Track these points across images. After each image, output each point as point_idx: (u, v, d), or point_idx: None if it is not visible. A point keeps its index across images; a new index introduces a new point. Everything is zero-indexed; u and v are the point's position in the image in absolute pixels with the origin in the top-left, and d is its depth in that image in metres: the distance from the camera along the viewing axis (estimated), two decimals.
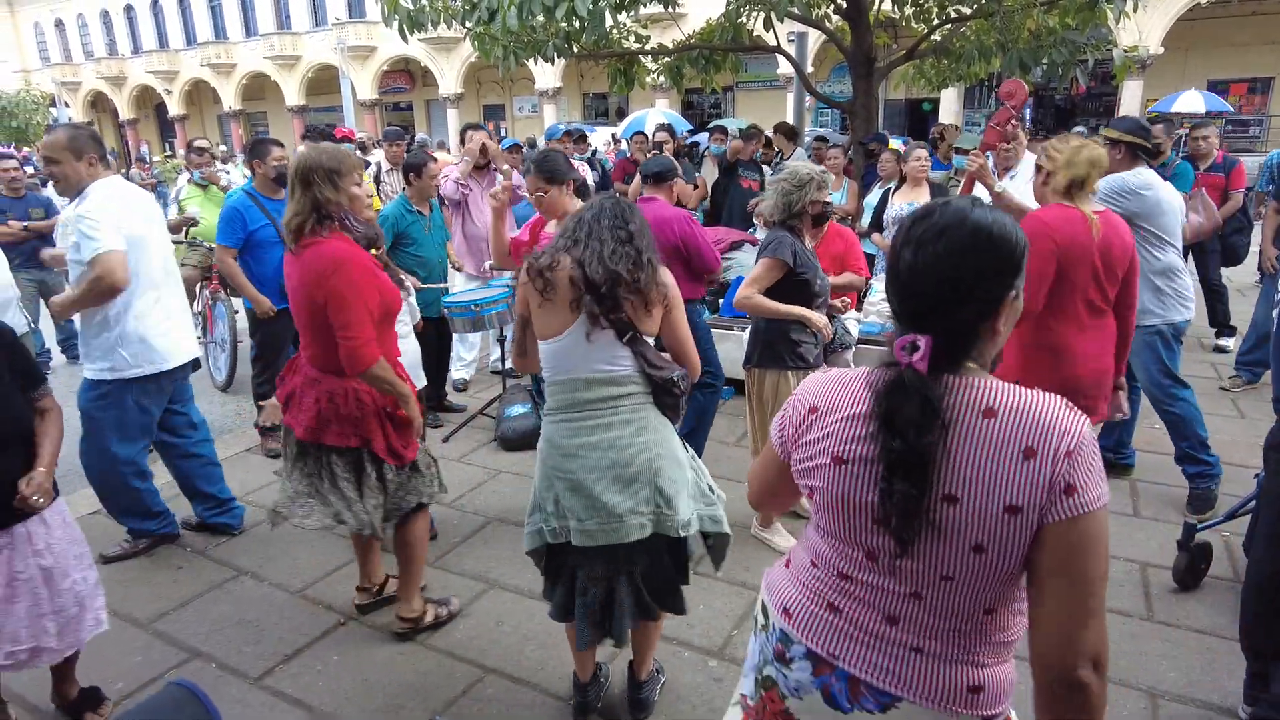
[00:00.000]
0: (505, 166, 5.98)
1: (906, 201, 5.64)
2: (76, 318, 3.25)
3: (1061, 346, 2.80)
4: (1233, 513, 3.23)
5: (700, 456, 4.10)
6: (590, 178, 8.12)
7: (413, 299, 3.94)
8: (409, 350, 3.39)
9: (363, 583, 3.11)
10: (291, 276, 2.60)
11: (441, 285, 5.11)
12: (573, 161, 5.13)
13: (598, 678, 2.56)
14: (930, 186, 5.62)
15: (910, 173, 5.60)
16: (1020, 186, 4.49)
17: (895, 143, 7.99)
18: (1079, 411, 1.16)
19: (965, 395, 1.17)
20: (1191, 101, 16.46)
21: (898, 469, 1.15)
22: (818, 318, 3.36)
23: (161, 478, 3.72)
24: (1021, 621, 1.25)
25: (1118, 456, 4.06)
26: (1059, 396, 1.17)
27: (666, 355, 2.26)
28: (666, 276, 2.20)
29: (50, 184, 3.19)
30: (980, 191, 3.79)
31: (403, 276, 3.89)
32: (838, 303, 3.96)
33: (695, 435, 4.19)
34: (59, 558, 2.33)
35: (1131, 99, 19.36)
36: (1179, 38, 19.37)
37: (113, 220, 3.05)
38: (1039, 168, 2.90)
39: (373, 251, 3.34)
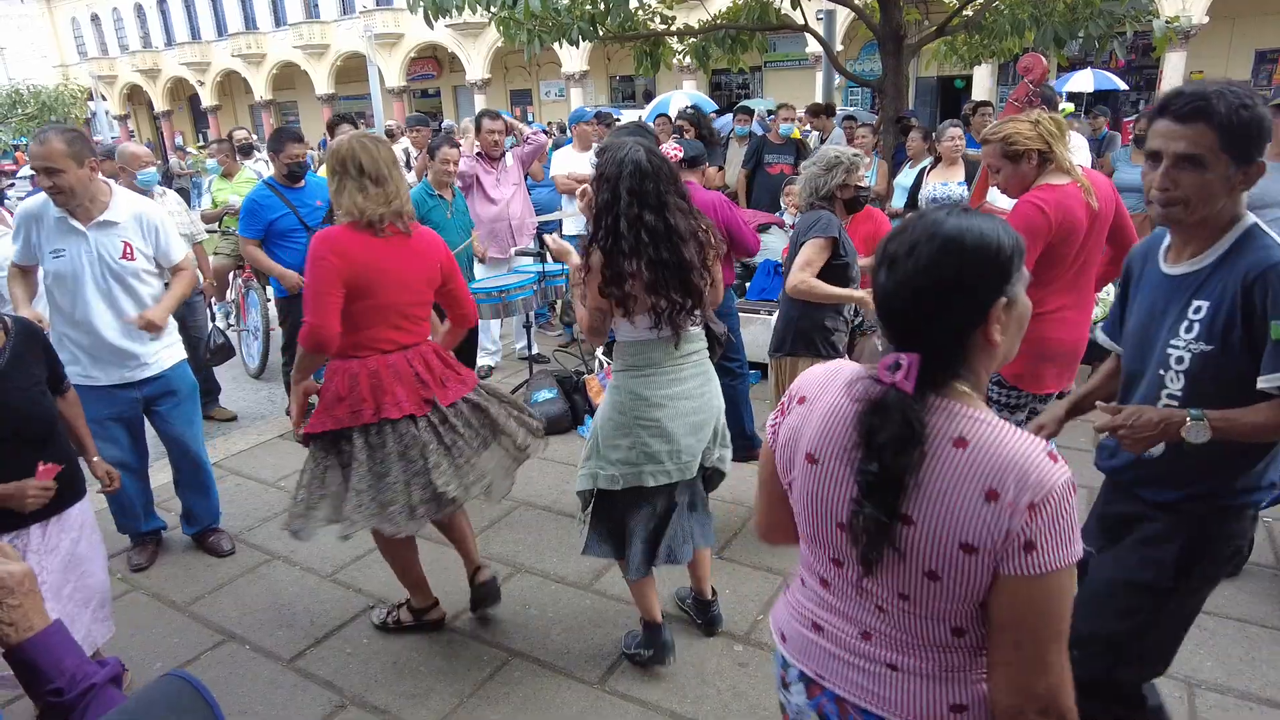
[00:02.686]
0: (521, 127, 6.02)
1: (941, 181, 5.52)
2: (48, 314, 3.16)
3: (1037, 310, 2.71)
4: (1277, 498, 3.13)
5: (748, 435, 4.22)
6: None
7: None
8: None
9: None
10: (391, 259, 2.51)
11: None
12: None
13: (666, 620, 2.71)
14: (965, 164, 5.50)
15: (945, 152, 5.47)
16: None
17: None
18: (1061, 461, 1.07)
19: (941, 419, 1.10)
20: (1082, 82, 16.18)
21: (871, 491, 1.10)
22: (869, 297, 3.26)
23: (158, 480, 3.69)
24: None
25: None
26: (1040, 441, 1.08)
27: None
28: (714, 234, 2.40)
29: (53, 198, 2.91)
30: None
31: None
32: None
33: (736, 424, 4.15)
34: (83, 554, 2.37)
35: (1174, 72, 18.73)
36: (1225, 6, 18.64)
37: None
38: (1023, 153, 2.69)
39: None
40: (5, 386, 2.18)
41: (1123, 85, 17.60)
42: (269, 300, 5.80)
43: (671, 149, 3.67)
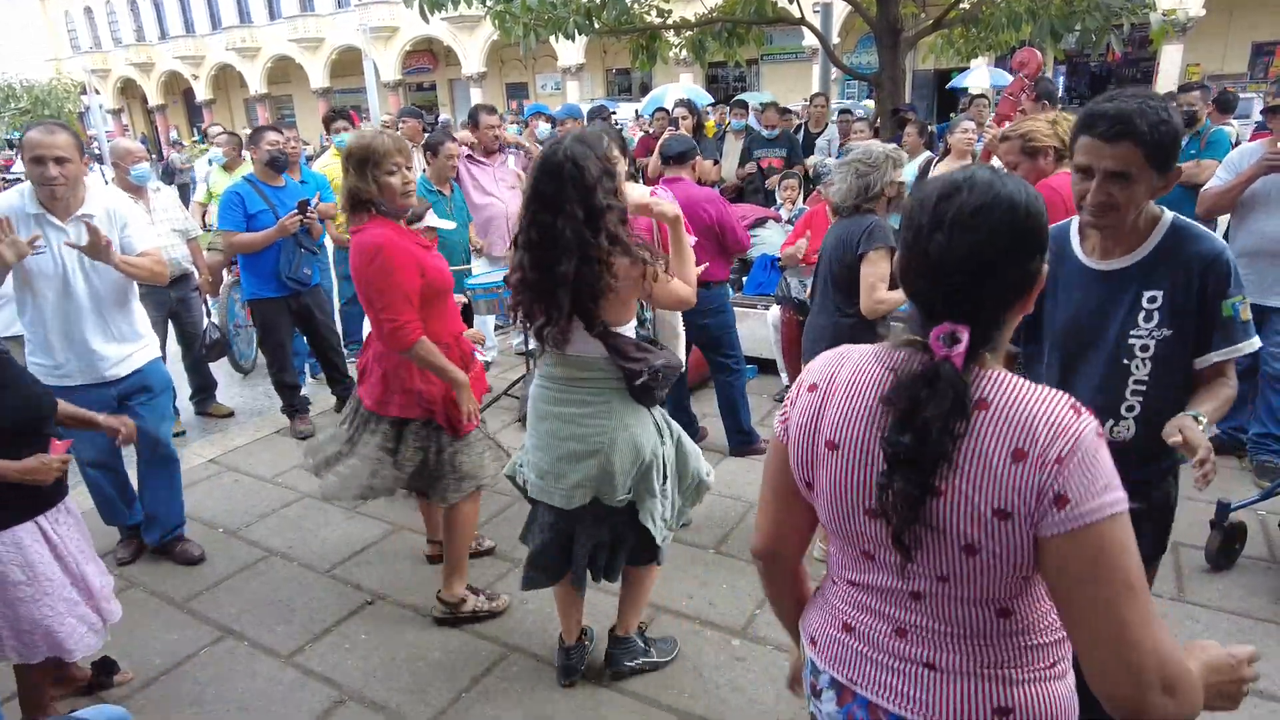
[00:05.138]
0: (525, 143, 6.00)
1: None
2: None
3: None
4: (1269, 492, 3.16)
5: (745, 430, 4.16)
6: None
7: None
8: None
9: (430, 536, 3.34)
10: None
11: (464, 267, 5.12)
12: None
13: (582, 641, 2.66)
14: (973, 158, 5.50)
15: (955, 144, 5.45)
16: None
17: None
18: (1085, 412, 1.03)
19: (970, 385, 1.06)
20: (979, 78, 16.51)
21: (901, 464, 1.04)
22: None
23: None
24: (1056, 619, 1.10)
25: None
26: (1064, 394, 1.04)
27: (652, 344, 2.27)
28: (625, 258, 2.09)
29: (51, 188, 2.85)
30: (996, 164, 3.72)
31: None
32: None
33: (731, 419, 4.17)
34: (73, 551, 2.36)
35: (1171, 65, 18.75)
36: None
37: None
38: (1040, 150, 2.84)
39: (417, 225, 3.38)
40: (18, 371, 2.26)
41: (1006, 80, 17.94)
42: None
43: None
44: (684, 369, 2.61)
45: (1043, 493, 0.99)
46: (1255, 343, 1.74)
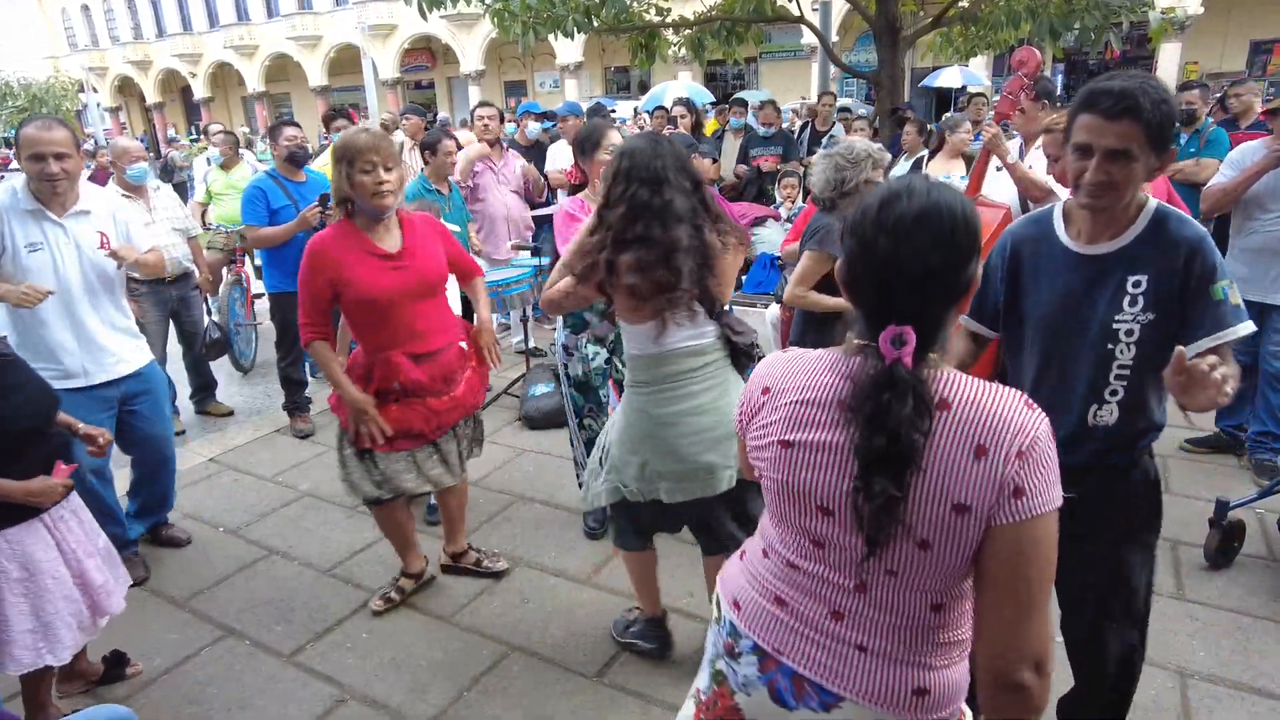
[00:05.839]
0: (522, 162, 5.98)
1: (944, 173, 5.52)
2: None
3: None
4: (1268, 490, 3.17)
5: None
6: None
7: None
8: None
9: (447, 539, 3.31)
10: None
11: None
12: None
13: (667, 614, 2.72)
14: (965, 158, 5.51)
15: (954, 144, 5.46)
16: (1044, 158, 4.39)
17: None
18: (1038, 409, 1.11)
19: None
20: (950, 78, 16.57)
21: (880, 466, 1.09)
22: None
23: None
24: (969, 620, 1.22)
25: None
26: (1017, 392, 1.12)
27: (745, 320, 2.31)
28: (728, 228, 2.21)
29: (53, 184, 2.84)
30: (996, 163, 3.74)
31: None
32: None
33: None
34: (74, 547, 2.37)
35: (1169, 62, 18.75)
36: None
37: None
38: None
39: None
40: (30, 373, 2.28)
41: (987, 81, 18.22)
42: (261, 295, 5.80)
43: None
44: None
45: (1003, 486, 1.07)
46: (1249, 326, 1.71)
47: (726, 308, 2.28)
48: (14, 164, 16.50)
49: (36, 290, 2.76)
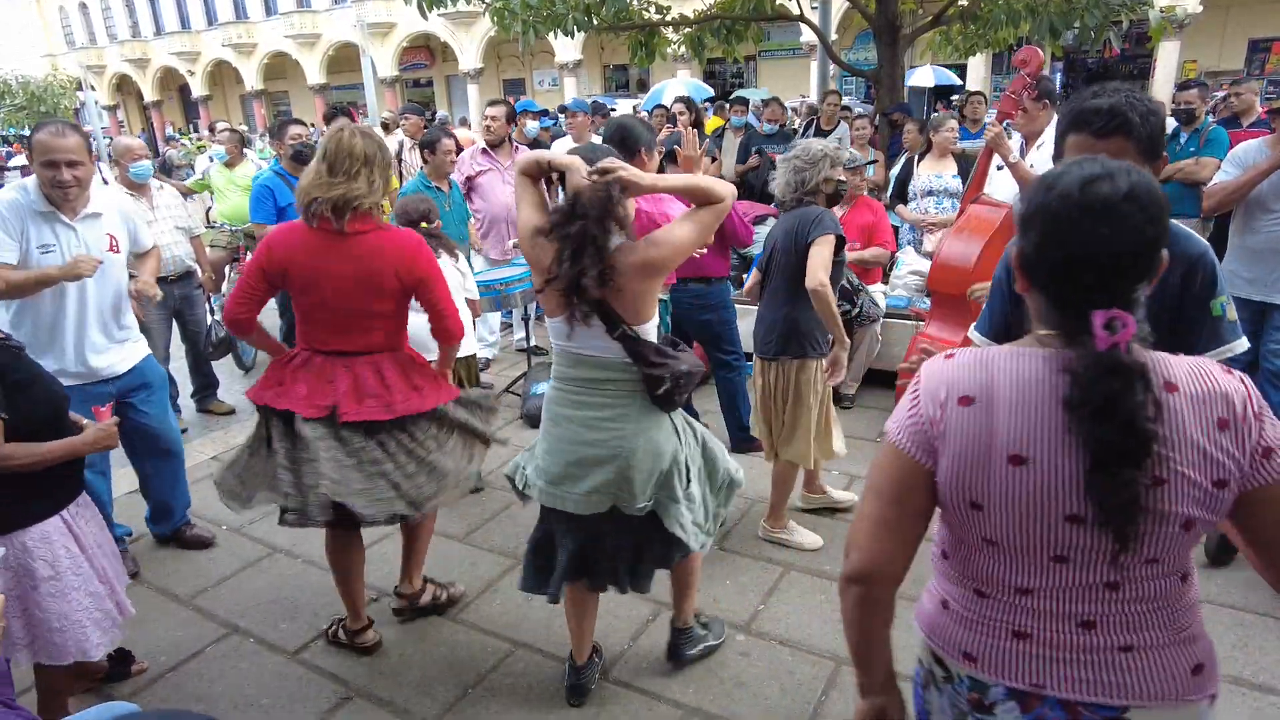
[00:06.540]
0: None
1: (934, 173, 5.54)
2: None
3: None
4: None
5: (746, 426, 4.13)
6: None
7: (461, 264, 3.87)
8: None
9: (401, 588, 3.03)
10: (333, 261, 2.45)
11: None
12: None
13: (593, 659, 2.57)
14: (955, 159, 5.53)
15: (940, 143, 5.49)
16: (1045, 158, 4.40)
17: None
18: (1234, 371, 1.13)
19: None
20: (923, 77, 16.72)
21: (1118, 459, 1.05)
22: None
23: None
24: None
25: None
26: (1210, 360, 1.14)
27: (676, 349, 2.19)
28: (631, 255, 2.03)
29: (65, 191, 2.85)
30: (996, 161, 3.74)
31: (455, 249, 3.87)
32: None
33: (732, 415, 4.18)
34: (93, 544, 2.37)
35: (1168, 61, 18.77)
36: None
37: None
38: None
39: (423, 225, 3.39)
40: (40, 368, 2.28)
41: (958, 80, 18.24)
42: None
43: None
44: (704, 370, 2.55)
45: (1253, 451, 1.09)
46: (1244, 343, 1.75)
47: (648, 337, 2.14)
48: (12, 162, 16.57)
49: (88, 259, 2.83)
